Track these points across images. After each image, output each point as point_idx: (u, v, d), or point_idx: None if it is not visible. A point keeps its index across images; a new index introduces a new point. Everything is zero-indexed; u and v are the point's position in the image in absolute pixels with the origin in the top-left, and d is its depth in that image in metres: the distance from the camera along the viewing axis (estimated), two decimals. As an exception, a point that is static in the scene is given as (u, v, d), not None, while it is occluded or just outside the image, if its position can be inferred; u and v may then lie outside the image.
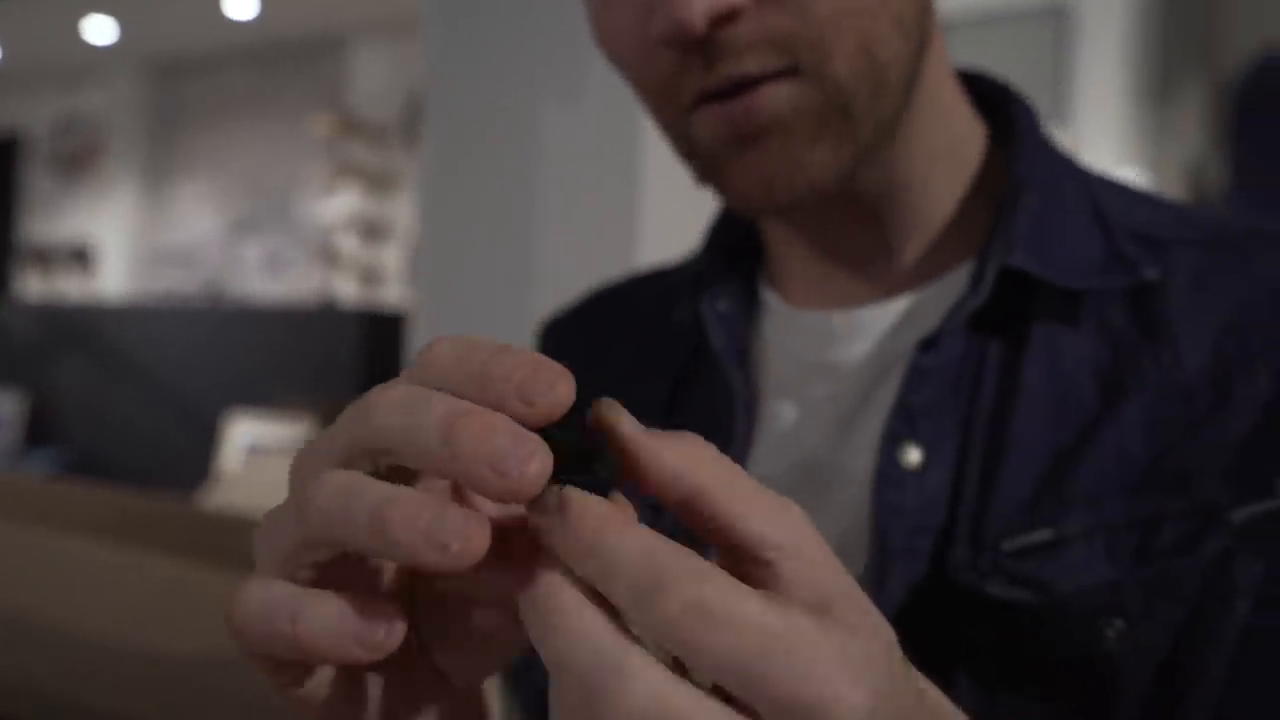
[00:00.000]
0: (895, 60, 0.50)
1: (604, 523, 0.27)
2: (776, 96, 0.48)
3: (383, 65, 6.04)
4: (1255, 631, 0.45)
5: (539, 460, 0.26)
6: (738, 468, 0.30)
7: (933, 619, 0.49)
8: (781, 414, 0.58)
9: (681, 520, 0.30)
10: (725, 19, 0.46)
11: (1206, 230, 0.53)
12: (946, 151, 0.57)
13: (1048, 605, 0.46)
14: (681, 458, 0.30)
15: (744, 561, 0.29)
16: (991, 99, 0.60)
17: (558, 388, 0.28)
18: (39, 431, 3.47)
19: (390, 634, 0.29)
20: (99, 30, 6.13)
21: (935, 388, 0.51)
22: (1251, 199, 3.65)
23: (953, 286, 0.54)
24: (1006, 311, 0.51)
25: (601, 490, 0.30)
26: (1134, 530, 0.47)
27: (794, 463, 0.57)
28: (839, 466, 0.54)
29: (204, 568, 1.18)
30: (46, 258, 7.13)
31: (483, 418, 0.27)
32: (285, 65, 6.36)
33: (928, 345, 0.51)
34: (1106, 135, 3.99)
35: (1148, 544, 0.46)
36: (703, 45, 0.47)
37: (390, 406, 0.29)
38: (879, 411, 0.53)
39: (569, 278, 1.63)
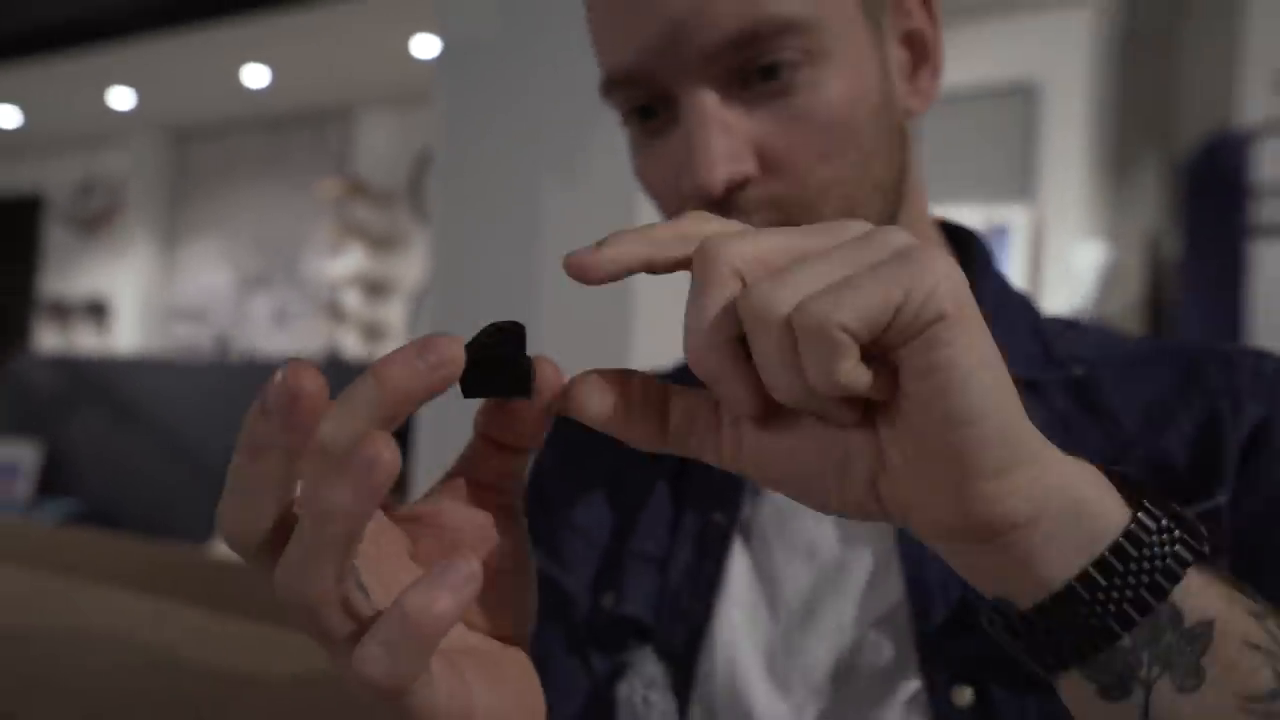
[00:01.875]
0: (873, 216, 0.58)
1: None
2: None
3: (388, 133, 6.05)
4: None
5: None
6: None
7: (967, 641, 0.54)
8: None
9: None
10: (738, 185, 0.55)
11: (1118, 350, 0.63)
12: None
13: None
14: None
15: None
16: (960, 238, 0.71)
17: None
18: (53, 481, 3.44)
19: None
20: (120, 98, 6.13)
21: None
22: (1200, 270, 3.69)
23: None
24: None
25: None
26: None
27: (816, 517, 0.63)
28: (858, 523, 0.58)
29: (220, 615, 1.17)
30: (64, 312, 7.09)
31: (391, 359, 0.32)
32: (295, 131, 6.37)
33: None
34: (1070, 207, 4.03)
35: None
36: (720, 201, 0.55)
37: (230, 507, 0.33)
38: None
39: (566, 340, 1.63)
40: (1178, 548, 0.35)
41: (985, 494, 0.33)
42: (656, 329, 1.57)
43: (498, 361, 0.35)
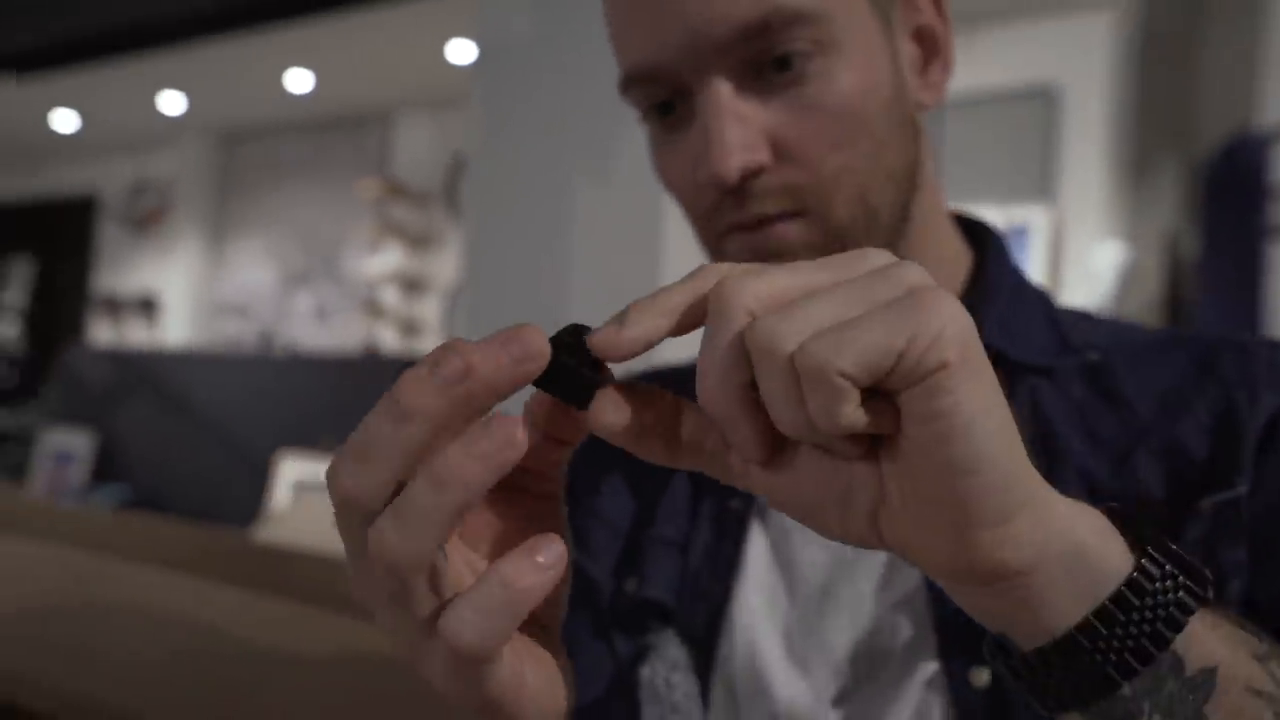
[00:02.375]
0: (885, 205, 0.59)
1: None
2: (789, 232, 0.57)
3: (425, 136, 6.05)
4: (1253, 605, 0.51)
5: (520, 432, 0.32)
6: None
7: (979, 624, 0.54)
8: None
9: None
10: (752, 173, 0.55)
11: (1134, 334, 0.63)
12: (937, 269, 0.61)
13: None
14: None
15: None
16: (976, 232, 0.69)
17: (531, 340, 0.33)
18: (106, 468, 3.49)
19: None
20: (170, 102, 6.18)
21: None
22: (1219, 269, 3.65)
23: None
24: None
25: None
26: None
27: None
28: None
29: (265, 595, 1.18)
30: (116, 307, 7.12)
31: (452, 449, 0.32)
32: (336, 134, 6.38)
33: None
34: (1089, 209, 4.00)
35: None
36: (735, 190, 0.56)
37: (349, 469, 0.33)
38: None
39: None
40: (1181, 594, 0.35)
41: (985, 541, 0.32)
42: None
43: (572, 371, 0.36)
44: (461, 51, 4.88)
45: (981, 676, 0.54)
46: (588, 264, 1.69)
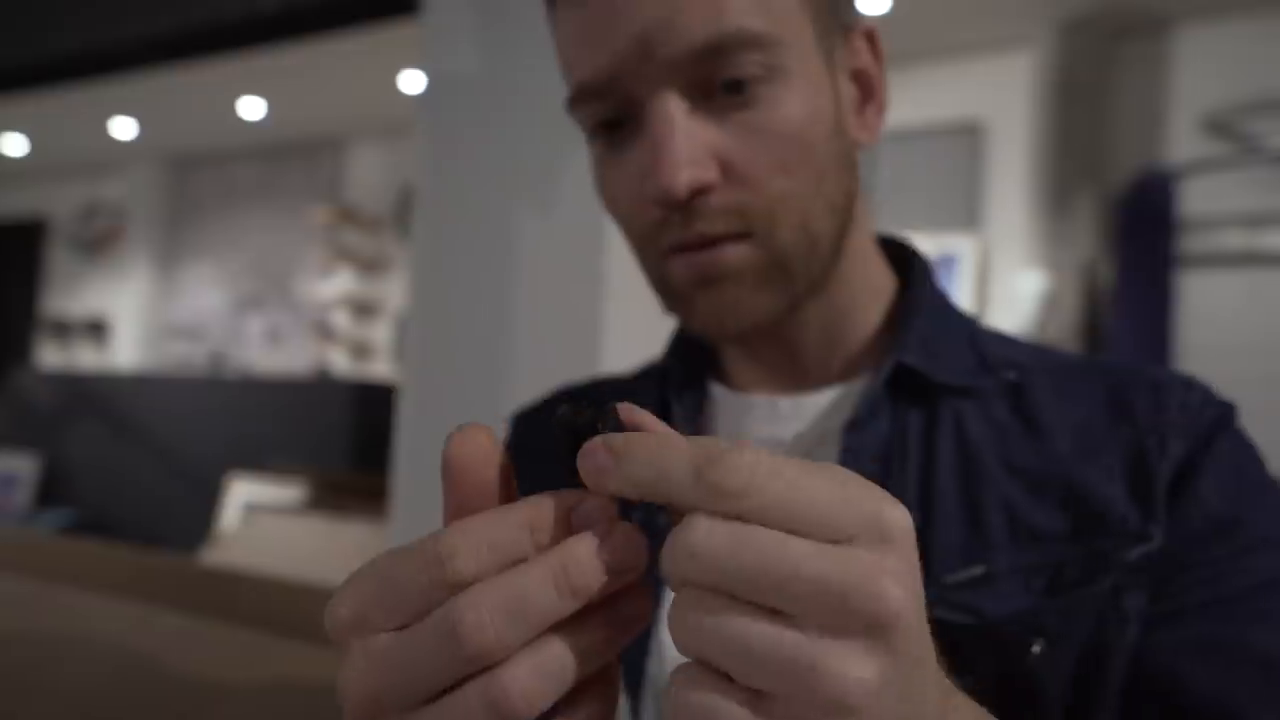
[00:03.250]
0: (825, 234, 0.58)
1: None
2: (734, 253, 0.55)
3: (376, 163, 6.04)
4: (1141, 649, 0.52)
5: (642, 542, 0.33)
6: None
7: None
8: None
9: None
10: (700, 191, 0.53)
11: (1051, 359, 0.62)
12: (866, 293, 0.64)
13: (982, 628, 0.52)
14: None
15: None
16: (902, 256, 0.69)
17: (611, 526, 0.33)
18: (51, 491, 3.39)
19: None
20: (122, 127, 6.11)
21: (869, 460, 0.57)
22: (1130, 297, 3.73)
23: (868, 382, 0.60)
24: (915, 399, 0.59)
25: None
26: (1046, 569, 0.53)
27: None
28: None
29: (212, 622, 1.16)
30: (65, 330, 7.05)
31: (584, 548, 0.32)
32: (289, 160, 6.36)
33: (851, 427, 0.58)
34: (1012, 238, 4.06)
35: (1057, 580, 0.52)
36: (682, 208, 0.54)
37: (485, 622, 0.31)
38: None
39: (539, 358, 1.63)
40: None
41: None
42: (623, 345, 1.58)
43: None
44: (414, 81, 4.86)
45: None
46: (531, 289, 1.69)
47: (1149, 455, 0.55)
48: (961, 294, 3.95)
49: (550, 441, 0.69)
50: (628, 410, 0.36)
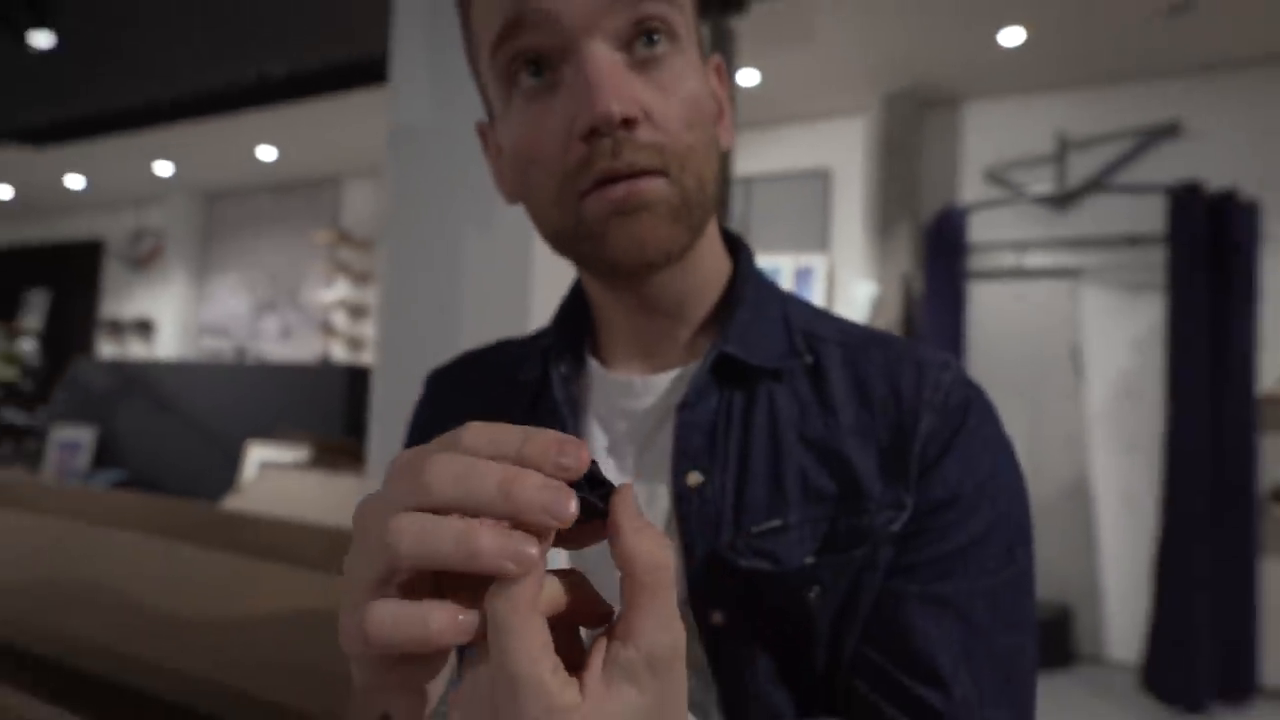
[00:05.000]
0: (709, 196, 0.52)
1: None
2: (651, 186, 0.49)
3: (367, 196, 5.94)
4: (883, 590, 0.50)
5: (575, 503, 0.29)
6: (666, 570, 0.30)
7: (716, 578, 0.50)
8: (598, 440, 0.58)
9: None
10: (629, 122, 0.47)
11: (848, 333, 0.57)
12: (710, 276, 0.58)
13: (778, 574, 0.49)
14: (647, 539, 0.30)
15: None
16: (734, 244, 0.62)
17: (581, 454, 0.30)
18: (106, 455, 3.30)
19: (479, 621, 0.29)
20: (162, 168, 5.94)
21: (699, 433, 0.53)
22: (935, 301, 3.84)
23: (699, 367, 0.55)
24: (738, 381, 0.54)
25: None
26: (823, 523, 0.50)
27: (611, 472, 0.56)
28: (651, 483, 0.55)
29: (224, 552, 1.16)
30: (118, 328, 6.82)
31: (534, 477, 0.29)
32: (297, 193, 6.22)
33: (683, 406, 0.53)
34: (852, 257, 4.10)
35: (832, 538, 0.50)
36: (614, 135, 0.47)
37: (445, 476, 0.29)
38: (663, 444, 0.54)
39: (480, 341, 1.66)
40: None
41: None
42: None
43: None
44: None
45: (717, 617, 0.51)
46: (475, 291, 1.70)
47: (905, 431, 0.51)
48: (816, 297, 3.97)
49: (458, 392, 0.67)
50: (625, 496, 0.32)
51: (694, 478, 0.52)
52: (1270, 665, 3.23)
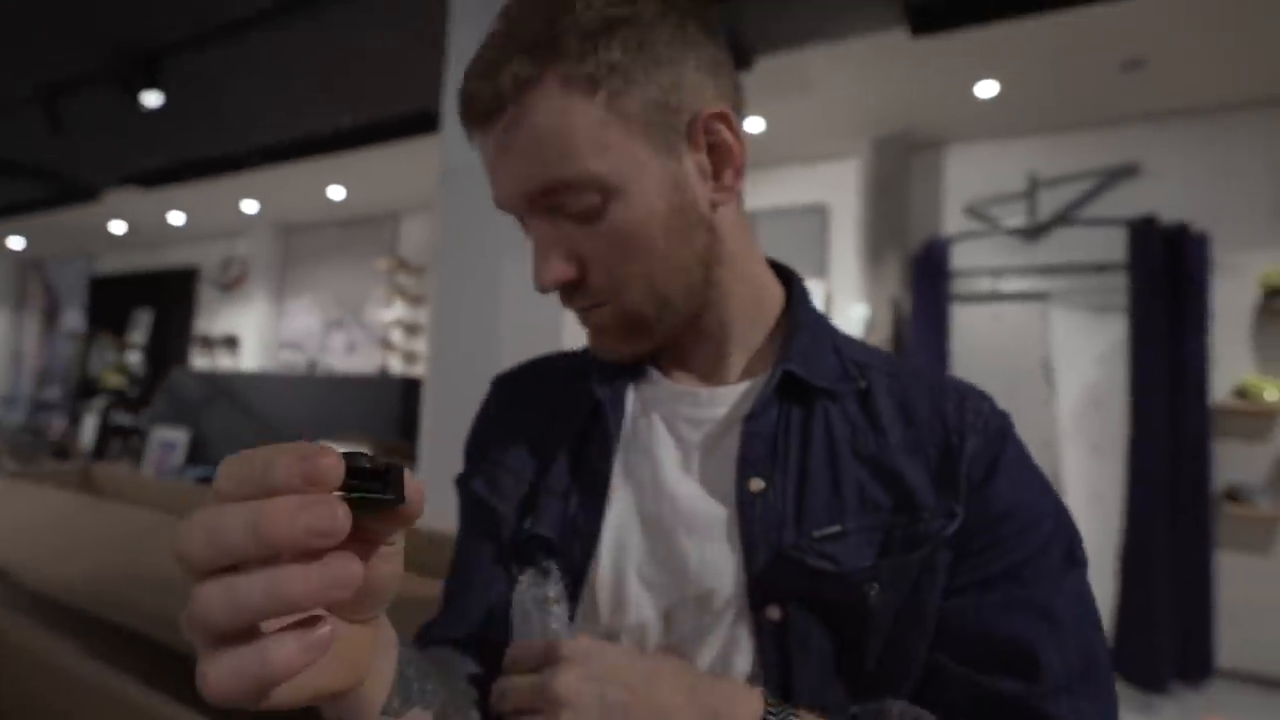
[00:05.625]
0: (677, 290, 0.52)
1: None
2: (598, 314, 0.52)
3: (422, 228, 5.96)
4: (963, 605, 0.48)
5: (342, 511, 0.24)
6: None
7: (778, 576, 0.49)
8: (663, 440, 0.56)
9: None
10: (564, 284, 0.51)
11: (891, 363, 0.56)
12: (755, 305, 0.57)
13: (839, 572, 0.48)
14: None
15: None
16: (786, 274, 0.61)
17: (328, 461, 0.25)
18: (197, 453, 3.36)
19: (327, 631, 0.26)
20: (248, 206, 6.01)
21: (762, 443, 0.52)
22: (921, 321, 3.81)
23: (764, 382, 0.54)
24: (797, 398, 0.53)
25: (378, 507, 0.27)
26: (880, 530, 0.49)
27: (680, 471, 0.55)
28: (712, 484, 0.53)
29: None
30: (209, 343, 6.88)
31: (285, 504, 0.24)
32: (361, 227, 6.27)
33: (750, 418, 0.53)
34: (847, 283, 4.07)
35: (889, 543, 0.48)
36: (558, 291, 0.52)
37: (198, 539, 0.25)
38: (727, 451, 0.53)
39: (516, 357, 1.67)
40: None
41: None
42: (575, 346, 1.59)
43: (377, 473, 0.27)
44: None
45: (774, 612, 0.49)
46: (512, 311, 1.71)
47: (953, 450, 0.50)
48: (812, 319, 3.93)
49: (523, 395, 0.66)
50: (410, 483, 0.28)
51: (756, 484, 0.51)
52: (1225, 649, 3.19)
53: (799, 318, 0.57)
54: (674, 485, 0.54)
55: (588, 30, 0.46)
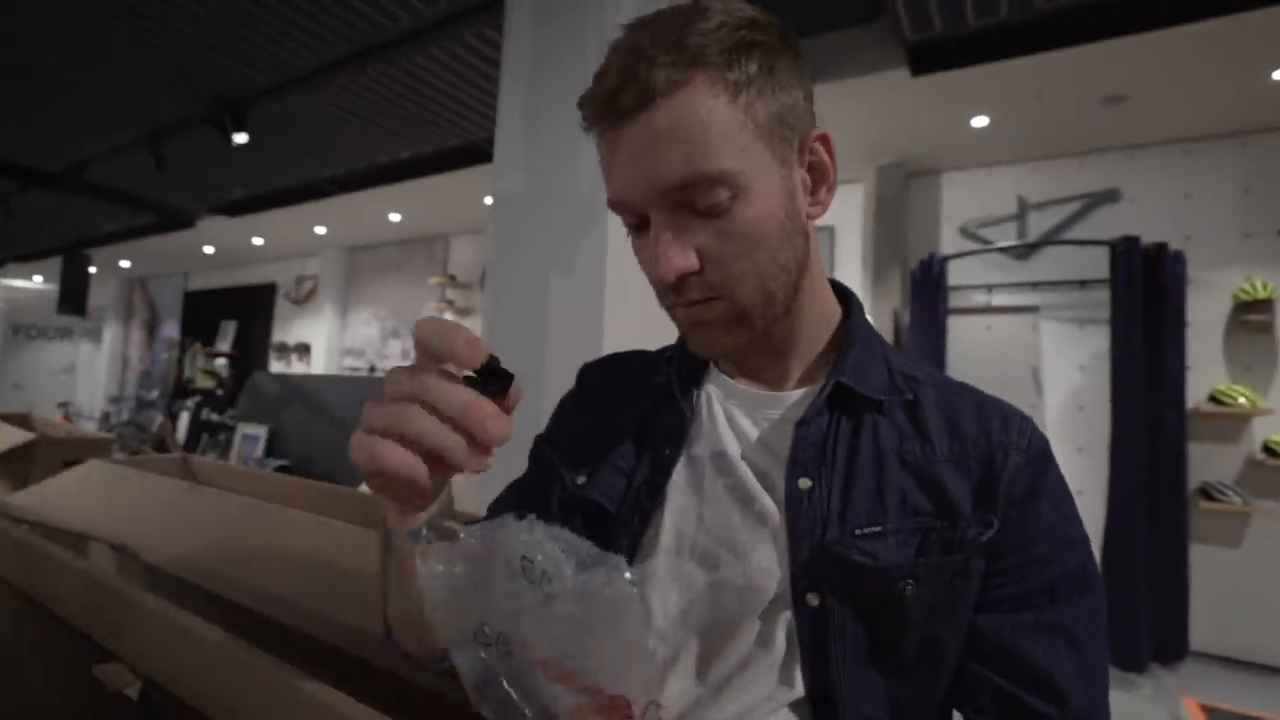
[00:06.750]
0: (780, 288, 0.50)
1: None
2: (710, 308, 0.49)
3: (470, 249, 5.99)
4: (998, 620, 0.47)
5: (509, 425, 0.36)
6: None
7: (821, 567, 0.48)
8: (725, 431, 0.55)
9: None
10: (683, 276, 0.48)
11: (938, 379, 0.55)
12: (819, 319, 0.56)
13: (878, 568, 0.47)
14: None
15: None
16: (843, 292, 0.60)
17: (480, 347, 0.37)
18: (275, 446, 3.39)
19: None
20: (319, 230, 6.10)
21: (811, 446, 0.51)
22: (920, 332, 3.77)
23: (817, 391, 0.53)
24: (847, 406, 0.52)
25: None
26: (918, 534, 0.48)
27: (743, 467, 0.54)
28: (765, 478, 0.52)
29: (363, 526, 1.17)
30: (285, 350, 6.99)
31: (487, 406, 0.37)
32: (416, 248, 6.32)
33: (800, 424, 0.52)
34: None
35: (925, 544, 0.47)
36: (675, 285, 0.49)
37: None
38: (778, 450, 0.52)
39: (560, 363, 1.64)
40: None
41: None
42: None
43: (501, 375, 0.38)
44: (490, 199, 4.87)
45: (812, 599, 0.48)
46: (557, 323, 1.70)
47: (995, 465, 0.49)
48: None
49: (603, 383, 0.66)
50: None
51: (804, 482, 0.50)
52: (1198, 632, 3.13)
53: (854, 333, 0.55)
54: (730, 475, 0.53)
55: (728, 45, 0.46)
